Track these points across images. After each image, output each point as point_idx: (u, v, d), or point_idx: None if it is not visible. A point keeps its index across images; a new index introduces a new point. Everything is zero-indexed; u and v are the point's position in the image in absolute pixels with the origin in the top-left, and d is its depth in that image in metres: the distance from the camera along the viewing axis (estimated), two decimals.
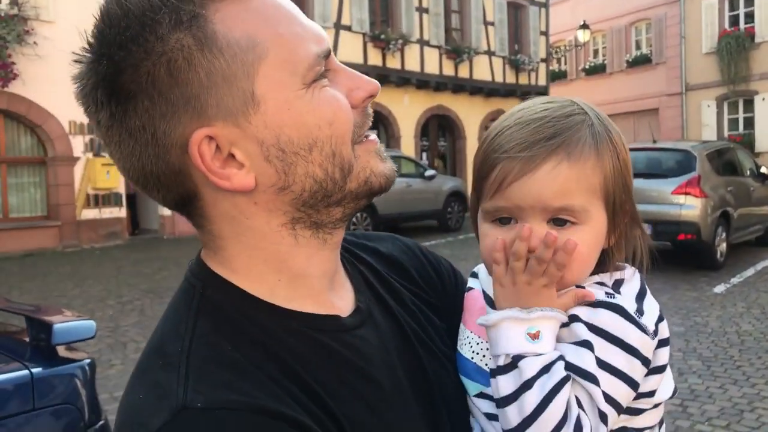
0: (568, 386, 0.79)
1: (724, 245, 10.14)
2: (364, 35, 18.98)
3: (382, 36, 19.14)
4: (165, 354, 0.73)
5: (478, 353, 0.92)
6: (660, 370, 0.86)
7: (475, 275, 1.01)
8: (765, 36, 22.73)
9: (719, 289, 8.73)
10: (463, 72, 21.28)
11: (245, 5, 0.74)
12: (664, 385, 0.88)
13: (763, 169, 12.16)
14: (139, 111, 0.72)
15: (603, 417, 0.79)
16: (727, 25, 23.92)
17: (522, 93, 22.97)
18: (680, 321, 7.14)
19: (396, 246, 1.06)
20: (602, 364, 0.80)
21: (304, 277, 0.83)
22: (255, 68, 0.73)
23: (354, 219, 13.72)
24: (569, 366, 0.81)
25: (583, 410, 0.79)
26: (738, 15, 23.71)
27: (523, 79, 23.23)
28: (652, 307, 0.86)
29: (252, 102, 0.73)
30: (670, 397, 0.90)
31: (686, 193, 9.57)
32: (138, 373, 0.75)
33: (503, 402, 0.80)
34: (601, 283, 0.88)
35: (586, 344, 0.81)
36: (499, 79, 22.39)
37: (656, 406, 0.89)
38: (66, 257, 13.10)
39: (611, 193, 0.86)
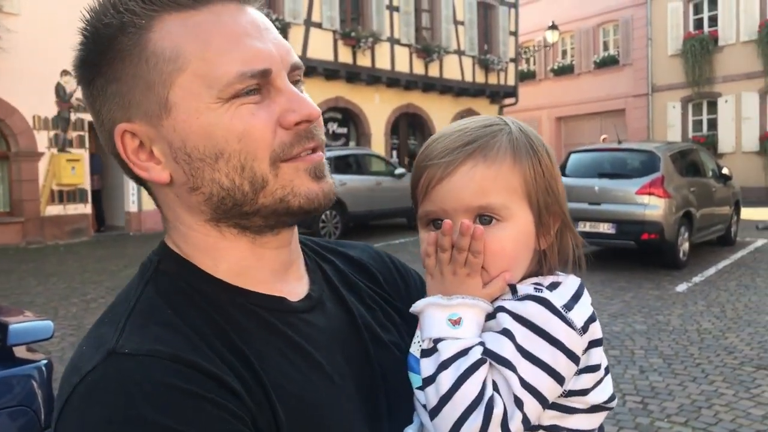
0: (483, 369, 0.83)
1: (686, 245, 10.32)
2: (335, 33, 18.94)
3: (353, 34, 19.11)
4: (113, 312, 0.82)
5: None
6: (593, 369, 0.89)
7: None
8: (728, 39, 23.18)
9: (681, 288, 8.89)
10: (433, 71, 21.35)
11: (187, 20, 0.81)
12: (601, 388, 0.91)
13: (724, 170, 12.40)
14: (93, 88, 0.85)
15: (519, 403, 0.82)
16: (691, 28, 24.33)
17: (491, 93, 23.14)
18: (643, 319, 7.26)
19: (366, 253, 1.12)
20: (523, 352, 0.84)
21: (247, 267, 0.88)
22: (172, 78, 0.80)
23: (323, 216, 13.73)
24: (488, 352, 0.84)
25: (499, 393, 0.82)
26: (702, 18, 24.14)
27: (493, 79, 23.37)
28: (584, 307, 0.89)
29: (165, 107, 0.81)
30: (606, 403, 0.92)
31: (650, 194, 9.73)
32: (89, 331, 0.83)
33: (425, 383, 0.85)
34: (538, 284, 0.91)
35: (507, 332, 0.85)
36: (468, 78, 22.50)
37: (594, 410, 0.91)
38: (29, 254, 12.88)
39: (534, 195, 0.92)
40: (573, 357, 0.86)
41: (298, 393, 0.81)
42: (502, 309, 0.88)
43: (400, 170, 15.56)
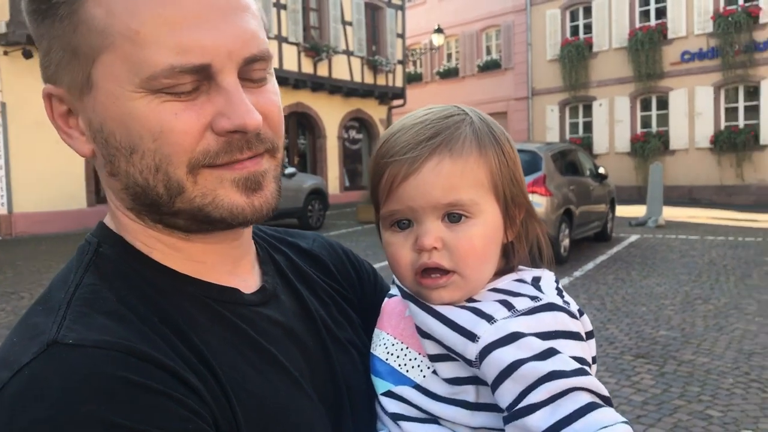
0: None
1: (567, 241, 10.81)
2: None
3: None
4: (47, 301, 0.73)
5: (392, 354, 0.91)
6: (594, 362, 0.91)
7: (395, 281, 0.99)
8: (602, 46, 24.50)
9: (563, 282, 9.28)
10: (323, 71, 21.28)
11: None
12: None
13: (601, 170, 13.09)
14: (37, 40, 0.77)
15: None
16: (568, 35, 25.54)
17: (380, 93, 23.35)
18: None
19: (318, 243, 1.06)
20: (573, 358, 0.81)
21: (190, 257, 0.81)
22: (96, 54, 0.71)
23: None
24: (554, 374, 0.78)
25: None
26: (578, 25, 25.39)
27: (381, 80, 23.58)
28: (570, 299, 0.89)
29: (87, 83, 0.73)
30: None
31: (533, 192, 10.09)
32: (18, 322, 0.74)
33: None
34: (521, 280, 0.89)
35: (550, 352, 0.79)
36: (357, 78, 22.59)
37: None
38: None
39: (500, 187, 0.88)
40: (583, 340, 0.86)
41: (257, 393, 0.75)
42: (517, 335, 0.80)
43: (290, 170, 15.37)
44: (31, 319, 0.71)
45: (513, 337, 0.79)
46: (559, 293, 0.88)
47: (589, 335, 0.89)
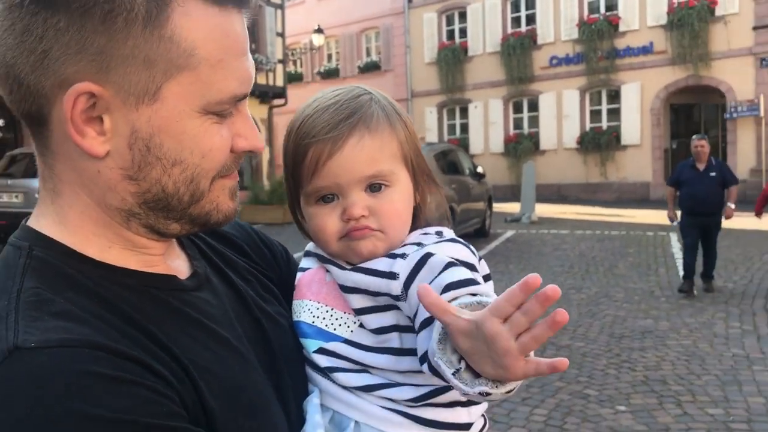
0: None
1: None
2: None
3: None
4: None
5: (318, 317, 0.98)
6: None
7: (309, 254, 1.06)
8: (476, 50, 25.45)
9: None
10: None
11: (210, 17, 0.75)
12: None
13: (479, 169, 13.67)
14: (49, 23, 0.71)
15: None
16: (445, 39, 26.33)
17: (260, 93, 23.07)
18: None
19: (232, 227, 1.09)
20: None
21: (137, 248, 0.83)
22: (177, 72, 0.74)
23: None
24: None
25: None
26: (454, 30, 26.23)
27: (262, 79, 23.30)
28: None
29: (152, 95, 0.74)
30: None
31: None
32: None
33: None
34: (427, 233, 1.00)
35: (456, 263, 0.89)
36: None
37: None
38: None
39: (408, 156, 0.99)
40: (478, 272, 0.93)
41: (216, 372, 0.78)
42: (428, 255, 0.90)
43: None
44: None
45: (425, 258, 0.89)
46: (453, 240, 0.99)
47: (487, 278, 0.95)
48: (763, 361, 5.97)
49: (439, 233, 1.00)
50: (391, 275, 0.91)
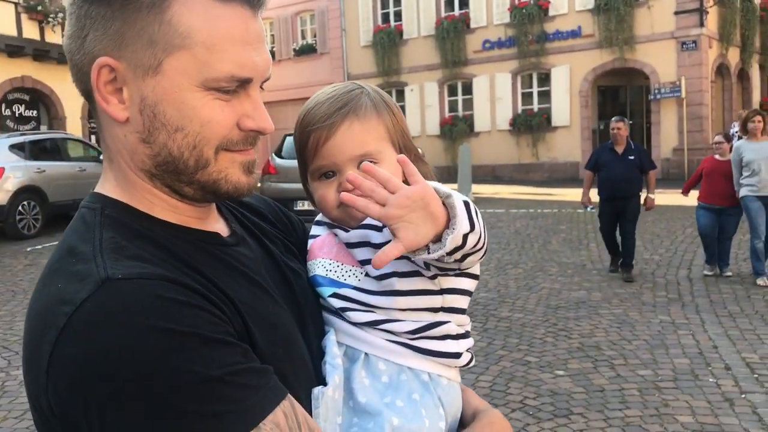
0: None
1: None
2: (17, 5, 17.09)
3: (39, 8, 17.40)
4: (78, 254, 0.87)
5: (330, 270, 1.16)
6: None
7: (318, 223, 1.26)
8: (411, 33, 25.62)
9: None
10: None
11: (211, 8, 0.89)
12: None
13: (419, 150, 13.84)
14: (87, 13, 0.90)
15: None
16: (380, 22, 26.41)
17: None
18: None
19: (256, 199, 1.25)
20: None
21: (174, 209, 0.98)
22: (175, 50, 0.88)
23: (20, 208, 12.48)
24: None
25: None
26: (389, 13, 26.33)
27: None
28: None
29: (155, 69, 0.89)
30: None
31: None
32: (50, 273, 0.88)
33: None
34: None
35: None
36: None
37: (473, 276, 1.17)
38: None
39: (395, 138, 1.17)
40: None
41: (258, 310, 0.94)
42: None
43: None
44: (68, 269, 0.85)
45: None
46: None
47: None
48: (687, 326, 6.43)
49: None
50: (378, 227, 1.11)
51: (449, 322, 1.12)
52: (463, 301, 1.17)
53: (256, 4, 0.94)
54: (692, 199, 8.96)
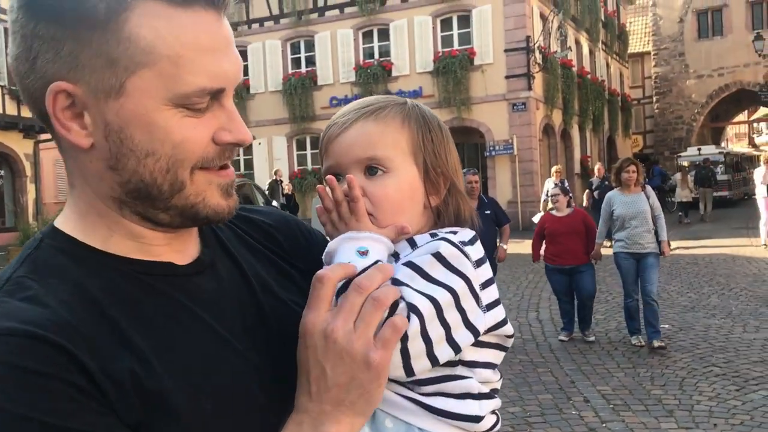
0: None
1: None
2: None
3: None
4: None
5: None
6: (498, 302, 0.99)
7: None
8: (258, 88, 25.77)
9: None
10: None
11: (172, 18, 0.80)
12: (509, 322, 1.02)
13: (274, 203, 13.94)
14: (35, 32, 0.80)
15: (413, 308, 0.88)
16: None
17: (25, 126, 21.29)
18: None
19: (271, 216, 1.14)
20: (419, 271, 0.92)
21: (137, 237, 0.88)
22: (137, 68, 0.80)
23: None
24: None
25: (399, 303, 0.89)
26: None
27: (27, 112, 21.53)
28: (477, 249, 0.99)
29: (118, 91, 0.80)
30: (510, 338, 1.02)
31: None
32: None
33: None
34: (434, 233, 1.01)
35: (407, 263, 0.94)
36: None
37: (500, 347, 1.01)
38: None
39: (421, 155, 1.03)
40: (468, 281, 0.92)
41: (183, 353, 0.82)
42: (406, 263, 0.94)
43: None
44: None
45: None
46: (470, 242, 0.98)
47: (491, 281, 0.99)
48: (545, 364, 6.89)
49: (451, 233, 0.99)
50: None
51: (470, 378, 0.96)
52: (489, 354, 1.00)
53: (220, 4, 0.84)
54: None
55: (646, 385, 6.11)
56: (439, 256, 0.93)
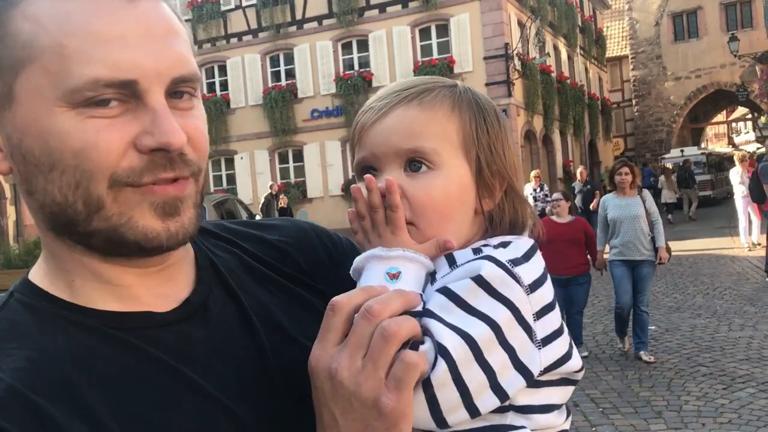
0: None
1: None
2: None
3: None
4: None
5: None
6: (559, 333, 0.81)
7: None
8: (239, 103, 25.71)
9: None
10: None
11: (58, 5, 0.69)
12: (575, 354, 0.84)
13: (257, 217, 13.88)
14: None
15: (443, 350, 0.73)
16: (206, 91, 26.23)
17: None
18: None
19: (288, 232, 1.00)
20: (457, 300, 0.76)
21: (104, 280, 0.77)
22: (20, 67, 0.69)
23: None
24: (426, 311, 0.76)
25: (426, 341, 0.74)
26: (214, 82, 26.27)
27: None
28: (534, 267, 0.81)
29: (8, 98, 0.70)
30: (579, 372, 0.84)
31: None
32: None
33: None
34: (483, 246, 0.84)
35: (442, 289, 0.78)
36: None
37: (565, 382, 0.84)
38: None
39: (473, 149, 0.86)
40: (516, 311, 0.76)
41: (162, 425, 0.71)
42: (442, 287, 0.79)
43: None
44: None
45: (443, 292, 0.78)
46: (524, 258, 0.81)
47: (549, 307, 0.80)
48: None
49: (503, 244, 0.83)
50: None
51: (523, 428, 0.80)
52: (551, 394, 0.82)
53: None
54: None
55: (634, 387, 6.11)
56: (480, 281, 0.76)
